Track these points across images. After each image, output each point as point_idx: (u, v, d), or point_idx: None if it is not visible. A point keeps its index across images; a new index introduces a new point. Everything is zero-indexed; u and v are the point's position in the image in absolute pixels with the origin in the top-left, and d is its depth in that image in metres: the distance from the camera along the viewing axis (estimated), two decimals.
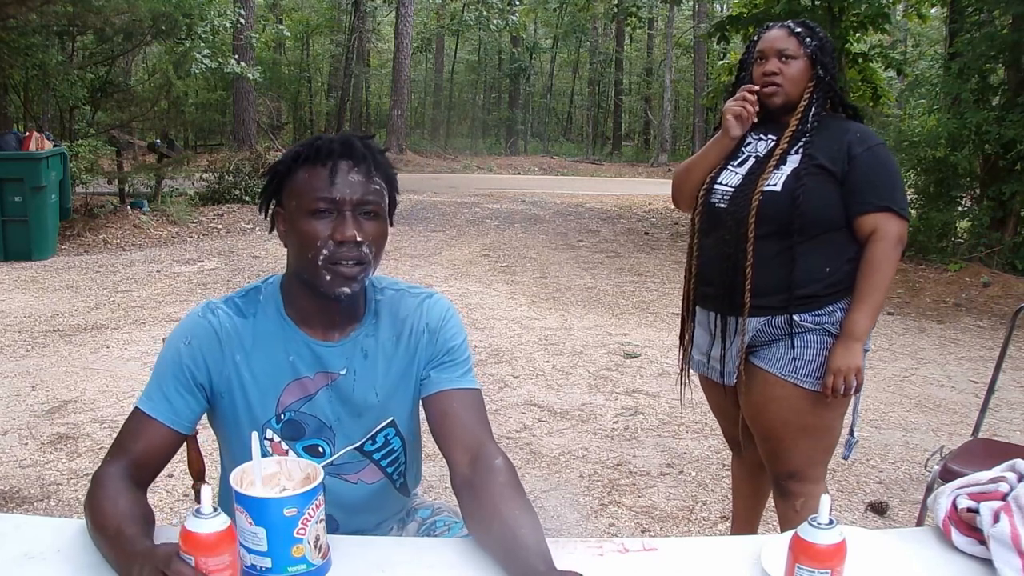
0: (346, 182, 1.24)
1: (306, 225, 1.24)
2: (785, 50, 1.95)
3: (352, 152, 1.26)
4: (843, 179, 1.88)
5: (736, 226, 1.93)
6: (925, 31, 16.40)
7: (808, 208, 1.86)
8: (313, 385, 1.31)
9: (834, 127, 1.95)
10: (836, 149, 1.89)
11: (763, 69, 1.97)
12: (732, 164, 2.02)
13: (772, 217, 1.88)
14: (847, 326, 1.88)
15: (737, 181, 1.97)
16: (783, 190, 1.88)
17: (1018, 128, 6.82)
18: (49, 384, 4.00)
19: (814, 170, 1.88)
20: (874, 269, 1.87)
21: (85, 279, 6.50)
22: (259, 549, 1.04)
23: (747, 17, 9.09)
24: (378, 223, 1.28)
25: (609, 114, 29.02)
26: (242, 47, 13.58)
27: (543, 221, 10.31)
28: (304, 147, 1.28)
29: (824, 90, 1.96)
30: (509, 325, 5.33)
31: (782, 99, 1.96)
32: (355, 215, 1.24)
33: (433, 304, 1.39)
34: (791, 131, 1.94)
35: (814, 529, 1.02)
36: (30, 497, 2.88)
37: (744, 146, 2.04)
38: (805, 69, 1.95)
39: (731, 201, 1.96)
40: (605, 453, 3.37)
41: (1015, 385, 4.39)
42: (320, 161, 1.25)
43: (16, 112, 9.98)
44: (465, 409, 1.32)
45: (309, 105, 25.75)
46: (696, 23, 21.53)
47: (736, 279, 1.92)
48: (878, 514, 2.93)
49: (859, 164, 1.87)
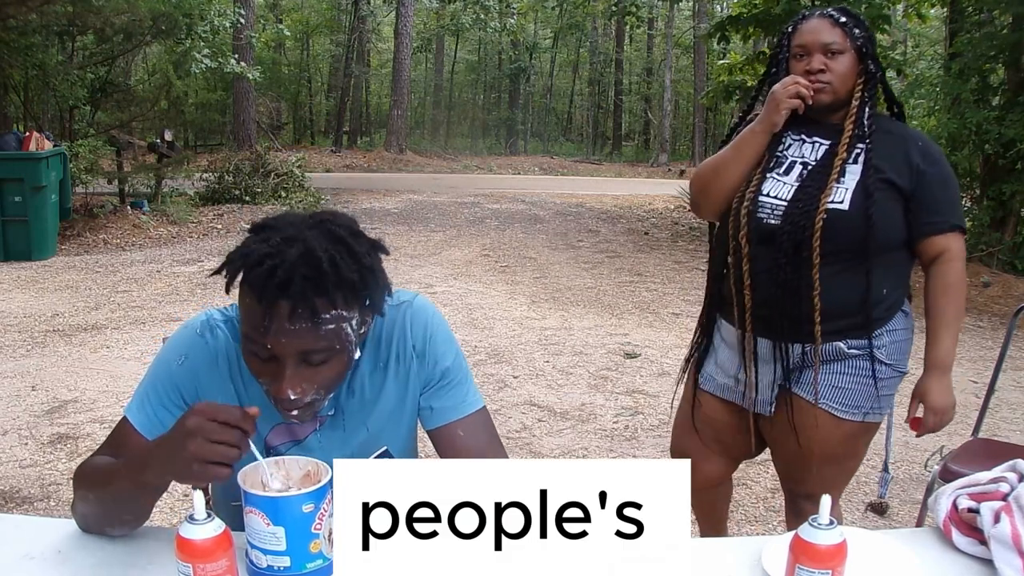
0: (283, 330, 1.04)
1: (246, 356, 1.12)
2: (831, 44, 1.72)
3: (290, 291, 1.02)
4: (910, 195, 1.71)
5: (795, 248, 1.70)
6: (925, 31, 16.41)
7: (881, 229, 1.69)
8: (302, 430, 1.26)
9: (892, 133, 1.76)
10: (900, 161, 1.71)
11: (807, 66, 1.73)
12: (775, 171, 1.78)
13: (839, 239, 1.69)
14: (939, 358, 1.73)
15: (788, 193, 1.74)
16: (853, 209, 1.68)
17: (1018, 128, 6.82)
18: (49, 384, 4.00)
19: (882, 185, 1.69)
20: (955, 292, 1.74)
21: (85, 279, 6.50)
22: (277, 549, 1.03)
23: (747, 17, 9.08)
24: (331, 365, 1.10)
25: (609, 114, 29.01)
26: (242, 47, 13.58)
27: (543, 221, 10.31)
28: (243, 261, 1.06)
29: (875, 87, 1.76)
30: (509, 325, 5.32)
31: (831, 98, 1.74)
32: (296, 365, 1.07)
33: (415, 315, 1.28)
34: (848, 136, 1.73)
35: (814, 529, 1.02)
36: (30, 497, 2.88)
37: (783, 148, 1.80)
38: (853, 64, 1.74)
39: (785, 218, 1.72)
40: (605, 453, 3.37)
41: (1015, 385, 4.39)
42: (256, 296, 1.04)
43: (16, 112, 9.98)
44: (472, 436, 1.27)
45: (309, 105, 25.75)
46: (696, 23, 21.51)
47: (800, 307, 1.72)
48: (878, 514, 2.93)
49: (929, 181, 1.71)
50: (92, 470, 1.17)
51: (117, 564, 1.13)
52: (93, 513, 1.16)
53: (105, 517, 1.15)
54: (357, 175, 16.09)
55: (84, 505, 1.17)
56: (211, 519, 1.00)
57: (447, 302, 5.86)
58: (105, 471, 1.14)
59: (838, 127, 1.76)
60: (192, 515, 0.99)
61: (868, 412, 1.79)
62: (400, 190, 13.01)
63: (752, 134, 1.80)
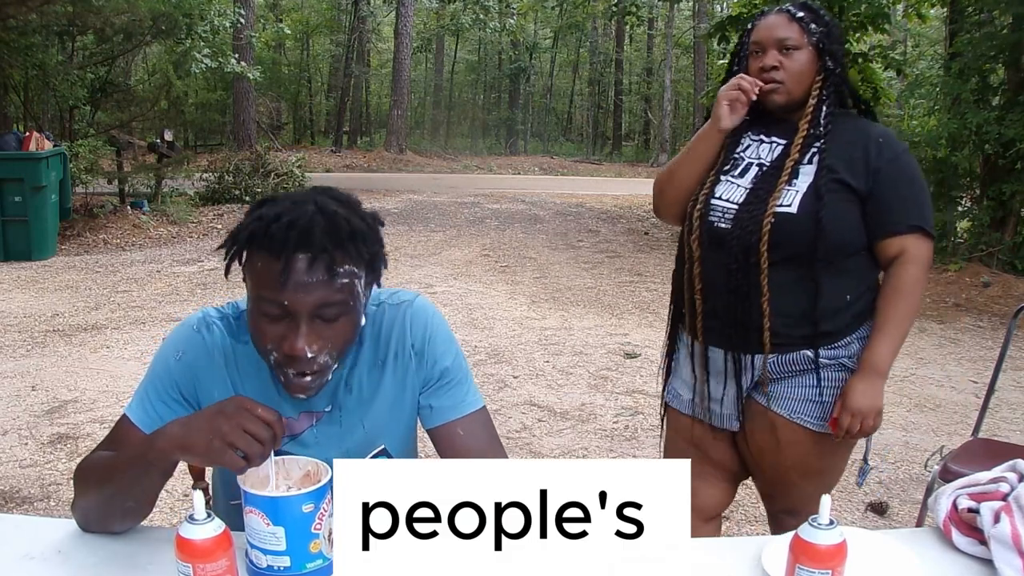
0: (300, 284, 1.06)
1: (255, 322, 1.11)
2: (786, 40, 1.65)
3: (310, 242, 1.05)
4: (866, 196, 1.63)
5: (744, 254, 1.64)
6: (925, 31, 16.41)
7: (832, 233, 1.60)
8: (299, 425, 1.26)
9: (850, 129, 1.67)
10: (857, 160, 1.63)
11: (761, 63, 1.67)
12: (730, 174, 1.72)
13: (787, 244, 1.62)
14: (870, 359, 1.63)
15: (741, 196, 1.67)
16: (801, 212, 1.61)
17: (1018, 128, 6.82)
18: (49, 384, 4.00)
19: (834, 186, 1.62)
20: (903, 297, 1.63)
21: (85, 279, 6.50)
22: (277, 549, 1.03)
23: (747, 17, 9.05)
24: (342, 322, 1.12)
25: (609, 114, 29.00)
26: (242, 47, 13.58)
27: (543, 221, 10.31)
28: (257, 223, 1.08)
29: (835, 84, 1.68)
30: (509, 325, 5.32)
31: (784, 98, 1.67)
32: (311, 321, 1.09)
33: (415, 315, 1.28)
34: (802, 136, 1.66)
35: (814, 529, 1.02)
36: (30, 497, 2.88)
37: (741, 150, 1.74)
38: (811, 61, 1.66)
39: (736, 222, 1.66)
40: (605, 453, 3.37)
41: (1015, 385, 4.39)
42: (272, 252, 1.06)
43: (16, 112, 9.98)
44: (472, 435, 1.27)
45: (309, 105, 25.75)
46: (696, 23, 21.51)
47: (750, 315, 1.66)
48: (878, 514, 2.93)
49: (886, 178, 1.62)
50: (94, 462, 1.18)
51: (117, 564, 1.13)
52: (95, 506, 1.16)
53: (106, 507, 1.15)
54: (357, 175, 16.09)
55: (85, 500, 1.17)
56: (211, 519, 1.00)
57: (447, 302, 5.86)
58: (108, 459, 1.15)
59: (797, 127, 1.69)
60: (192, 515, 1.00)
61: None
62: (400, 190, 13.01)
63: (703, 134, 1.75)
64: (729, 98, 1.68)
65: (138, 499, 1.13)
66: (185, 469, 1.83)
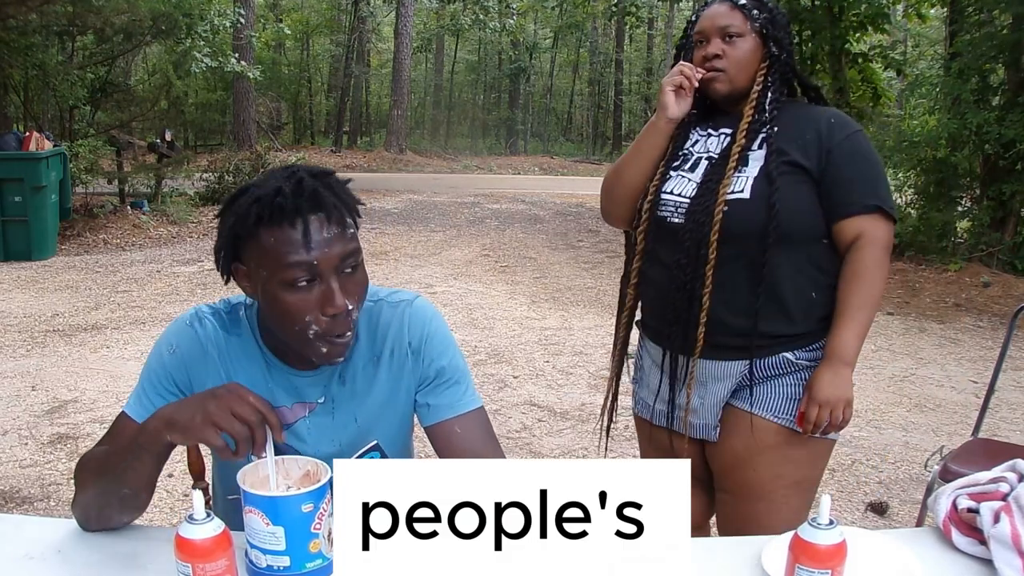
0: (323, 241, 1.09)
1: (287, 298, 1.11)
2: (728, 27, 1.61)
3: (321, 203, 1.10)
4: (819, 177, 1.57)
5: (695, 246, 1.58)
6: (925, 31, 16.40)
7: (787, 217, 1.54)
8: (292, 415, 1.27)
9: (801, 113, 1.63)
10: (808, 140, 1.57)
11: (703, 52, 1.63)
12: (680, 169, 1.66)
13: (741, 233, 1.55)
14: (833, 347, 1.56)
15: (692, 190, 1.62)
16: (753, 196, 1.55)
17: (1018, 128, 6.82)
18: (49, 384, 4.00)
19: (786, 168, 1.56)
20: (863, 280, 1.55)
21: (85, 279, 6.50)
22: (276, 548, 1.04)
23: None
24: (360, 272, 1.16)
25: (609, 114, 29.00)
26: (242, 47, 13.58)
27: (543, 221, 10.31)
28: (262, 204, 1.09)
29: (781, 71, 1.63)
30: (509, 325, 5.32)
31: (727, 87, 1.62)
32: (339, 276, 1.12)
33: (414, 315, 1.30)
34: (747, 122, 1.60)
35: (814, 529, 1.02)
36: (30, 497, 2.88)
37: (690, 145, 1.69)
38: (754, 48, 1.62)
39: (688, 215, 1.60)
40: (605, 453, 3.37)
41: (1015, 385, 4.39)
42: (287, 221, 1.08)
43: (16, 112, 9.98)
44: (469, 434, 1.27)
45: (309, 105, 25.75)
46: None
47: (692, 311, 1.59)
48: (878, 514, 2.93)
49: (837, 157, 1.56)
50: (91, 455, 1.20)
51: (117, 564, 1.13)
52: (93, 499, 1.17)
53: (104, 498, 1.15)
54: (357, 175, 16.03)
55: (84, 494, 1.18)
56: (210, 519, 1.00)
57: (447, 302, 5.86)
58: (104, 450, 1.18)
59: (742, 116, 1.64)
60: (192, 515, 1.00)
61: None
62: (400, 190, 13.01)
63: (650, 128, 1.70)
64: (673, 84, 1.63)
65: (134, 486, 1.14)
66: (185, 469, 1.83)
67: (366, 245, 8.18)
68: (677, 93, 1.64)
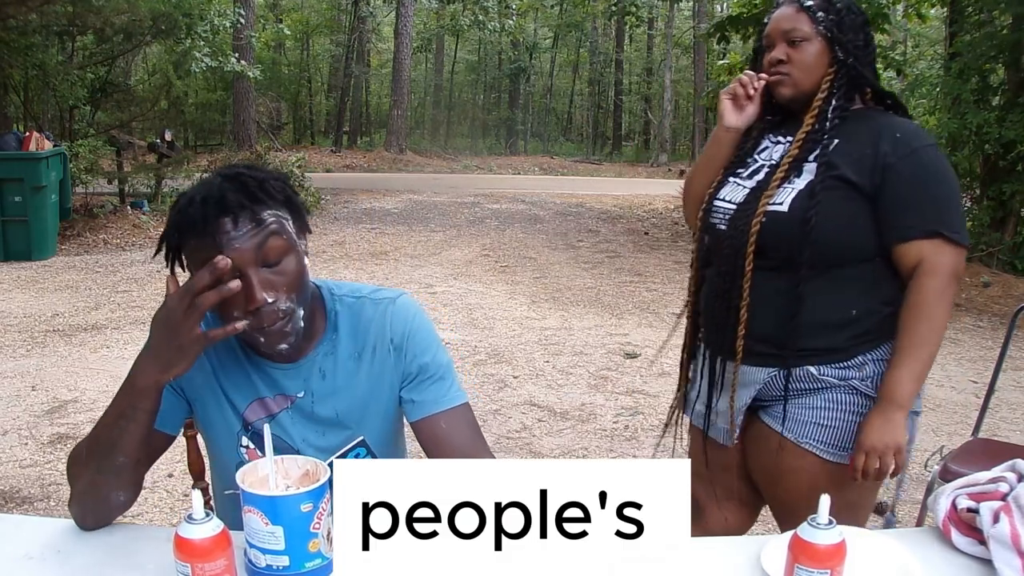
0: (234, 239, 1.12)
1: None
2: (792, 31, 1.55)
3: (225, 206, 1.12)
4: (875, 194, 1.47)
5: (733, 255, 1.55)
6: (925, 31, 16.41)
7: (824, 234, 1.47)
8: (276, 405, 1.29)
9: (866, 125, 1.53)
10: (866, 155, 1.48)
11: (769, 57, 1.58)
12: (739, 175, 1.63)
13: (777, 246, 1.51)
14: (887, 389, 1.45)
15: (742, 197, 1.59)
16: (791, 210, 1.49)
17: (1018, 128, 6.82)
18: (49, 384, 4.00)
19: (833, 183, 1.48)
20: (921, 314, 1.45)
21: (85, 279, 6.50)
22: (276, 548, 1.04)
23: (747, 17, 9.09)
24: (287, 263, 1.17)
25: (609, 114, 29.01)
26: (242, 47, 13.58)
27: (543, 221, 10.31)
28: (180, 216, 1.14)
29: (848, 76, 1.54)
30: (509, 325, 5.32)
31: (791, 91, 1.57)
32: (258, 272, 1.14)
33: (396, 312, 1.31)
34: (805, 131, 1.55)
35: (814, 529, 1.02)
36: (30, 497, 2.88)
37: (758, 152, 1.65)
38: (820, 52, 1.54)
39: (731, 223, 1.58)
40: (605, 453, 3.37)
41: (1015, 385, 4.39)
42: (199, 228, 1.12)
43: (16, 112, 9.98)
44: (453, 429, 1.28)
45: (309, 105, 25.75)
46: (696, 23, 21.52)
47: (729, 320, 1.56)
48: (878, 514, 2.93)
49: (896, 175, 1.46)
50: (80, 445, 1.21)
51: (117, 564, 1.13)
52: (89, 482, 1.17)
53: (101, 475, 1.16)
54: (357, 175, 16.09)
55: (79, 483, 1.18)
56: (210, 519, 1.00)
57: (447, 302, 5.86)
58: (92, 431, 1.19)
59: None
60: (191, 515, 1.00)
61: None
62: (400, 190, 13.01)
63: (713, 137, 1.70)
64: (728, 93, 1.62)
65: (129, 453, 1.15)
66: (185, 469, 1.83)
67: (366, 245, 8.20)
68: (734, 102, 1.63)
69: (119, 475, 1.16)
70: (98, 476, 1.16)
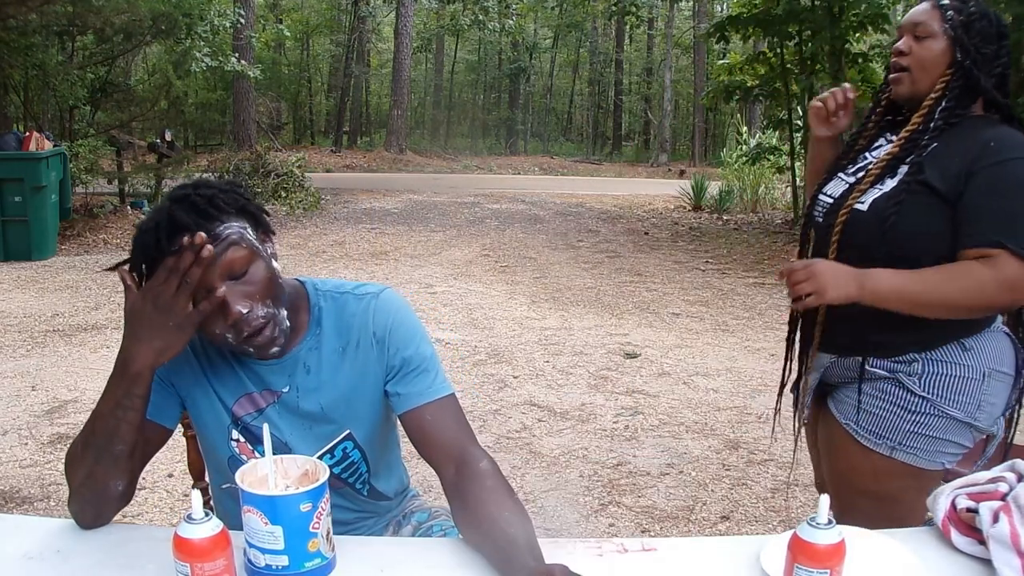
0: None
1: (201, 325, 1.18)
2: (920, 25, 1.52)
3: (177, 227, 1.13)
4: (955, 201, 1.45)
5: (822, 247, 1.60)
6: None
7: (899, 235, 1.47)
8: (263, 400, 1.31)
9: (972, 132, 1.48)
10: (954, 161, 1.46)
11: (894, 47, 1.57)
12: (847, 171, 1.65)
13: (856, 244, 1.54)
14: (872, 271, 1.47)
15: (839, 192, 1.63)
16: (870, 211, 1.52)
17: None
18: (49, 384, 4.00)
19: (916, 188, 1.47)
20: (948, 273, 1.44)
21: (85, 279, 6.50)
22: (275, 548, 1.04)
23: (747, 17, 9.08)
24: (254, 271, 1.19)
25: (609, 114, 29.02)
26: (242, 47, 13.58)
27: (543, 221, 10.31)
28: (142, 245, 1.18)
29: (965, 80, 1.50)
30: (509, 325, 5.33)
31: (907, 88, 1.55)
32: (228, 283, 1.16)
33: (379, 307, 1.32)
34: (908, 131, 1.53)
35: (813, 529, 1.02)
36: (30, 497, 2.88)
37: (871, 149, 1.66)
38: (943, 52, 1.50)
39: (825, 216, 1.63)
40: (605, 453, 3.37)
41: None
42: (160, 255, 1.14)
43: (16, 112, 9.98)
44: (440, 420, 1.29)
45: (309, 105, 25.77)
46: (696, 23, 21.54)
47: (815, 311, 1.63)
48: None
49: (978, 182, 1.43)
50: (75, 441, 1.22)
51: (116, 564, 1.13)
52: (87, 476, 1.17)
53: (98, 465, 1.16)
54: (357, 175, 16.10)
55: (75, 478, 1.19)
56: (209, 519, 1.00)
57: (447, 302, 5.86)
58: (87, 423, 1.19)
59: None
60: (190, 515, 1.00)
61: (897, 447, 1.54)
62: (400, 190, 13.01)
63: (812, 140, 1.79)
64: (813, 109, 1.70)
65: (126, 439, 1.16)
66: (185, 469, 1.83)
67: (366, 245, 8.21)
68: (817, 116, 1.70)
69: (116, 463, 1.17)
70: (96, 467, 1.17)
